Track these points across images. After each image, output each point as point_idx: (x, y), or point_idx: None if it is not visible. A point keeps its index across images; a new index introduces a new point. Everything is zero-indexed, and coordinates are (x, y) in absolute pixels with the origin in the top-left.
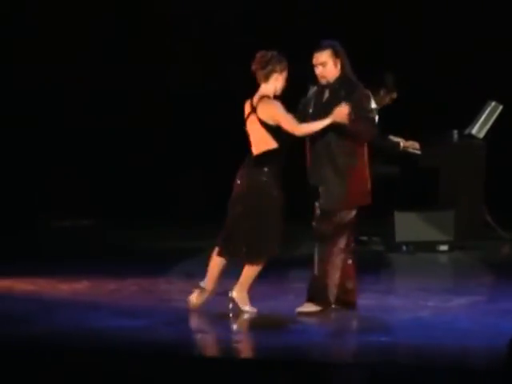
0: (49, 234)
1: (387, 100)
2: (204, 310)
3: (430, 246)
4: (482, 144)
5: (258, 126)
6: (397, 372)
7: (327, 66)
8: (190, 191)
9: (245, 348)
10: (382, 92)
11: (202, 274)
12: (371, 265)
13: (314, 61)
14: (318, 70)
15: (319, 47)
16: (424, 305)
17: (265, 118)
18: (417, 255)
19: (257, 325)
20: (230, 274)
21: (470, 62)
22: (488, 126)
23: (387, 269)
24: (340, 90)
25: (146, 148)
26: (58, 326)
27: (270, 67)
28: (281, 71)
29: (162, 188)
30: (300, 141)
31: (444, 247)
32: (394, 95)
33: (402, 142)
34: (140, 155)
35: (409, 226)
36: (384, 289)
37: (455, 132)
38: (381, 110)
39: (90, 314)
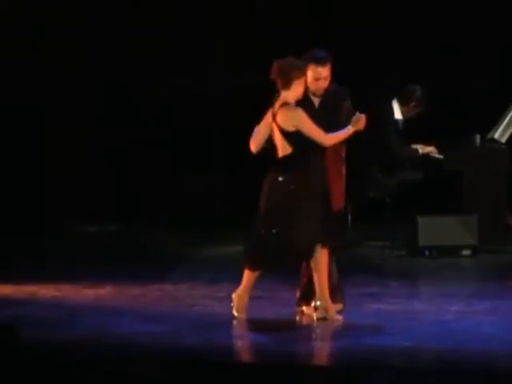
0: (73, 240)
1: (413, 113)
2: (228, 315)
3: (453, 251)
4: (504, 148)
5: (278, 132)
6: (420, 377)
7: (326, 79)
8: (215, 196)
9: (268, 353)
10: (412, 104)
11: (226, 279)
12: (394, 269)
13: (320, 75)
14: (321, 84)
15: (325, 61)
16: (447, 309)
17: (284, 124)
18: (440, 259)
19: (282, 330)
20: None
21: (492, 64)
22: (511, 131)
23: (410, 273)
24: (330, 99)
25: (171, 154)
26: (82, 331)
27: (290, 75)
28: (300, 77)
29: (186, 194)
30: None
31: (467, 251)
32: (421, 109)
33: (421, 149)
34: (163, 161)
35: (432, 230)
36: (407, 293)
37: (478, 136)
38: (405, 123)
39: (114, 320)
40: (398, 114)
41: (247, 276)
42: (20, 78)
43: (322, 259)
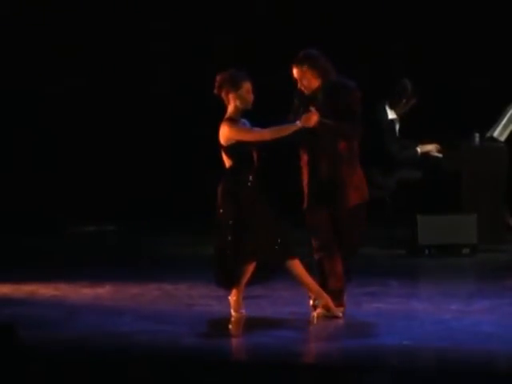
0: (72, 239)
1: (407, 108)
2: (227, 314)
3: (452, 250)
4: (503, 147)
5: None
6: (419, 376)
7: (306, 79)
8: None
9: (267, 353)
10: (403, 101)
11: None
12: (393, 268)
13: (294, 75)
14: (299, 84)
15: (295, 62)
16: (447, 308)
17: (220, 139)
18: (439, 258)
19: (279, 330)
20: None
21: (492, 63)
22: (510, 129)
23: (409, 272)
24: (322, 97)
25: (170, 153)
26: (81, 331)
27: (223, 90)
28: (236, 89)
29: (187, 193)
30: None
31: (466, 250)
32: (414, 101)
33: (420, 148)
34: (163, 161)
35: (431, 229)
36: (406, 292)
37: (477, 135)
38: (402, 119)
39: (113, 319)
40: (391, 114)
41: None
42: (18, 81)
43: (294, 270)
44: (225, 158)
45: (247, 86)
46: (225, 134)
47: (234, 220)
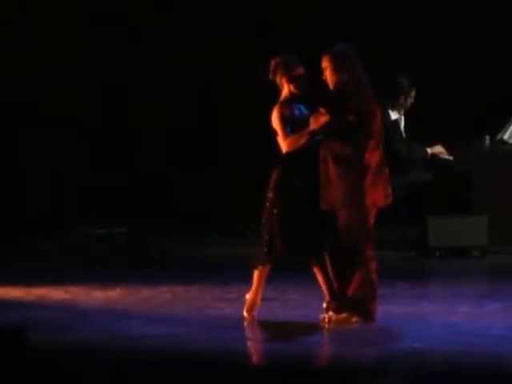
0: (82, 242)
1: (408, 104)
2: (239, 317)
3: (463, 252)
4: None
5: None
6: (430, 378)
7: (327, 71)
8: (225, 198)
9: (277, 355)
10: (401, 99)
11: (237, 281)
12: (404, 270)
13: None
14: (323, 76)
15: (323, 52)
16: (457, 310)
17: (272, 123)
18: (450, 260)
19: (291, 333)
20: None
21: (503, 64)
22: None
23: (420, 274)
24: (332, 96)
25: (181, 156)
26: (92, 334)
27: (277, 74)
28: (289, 73)
29: (198, 195)
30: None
31: (477, 252)
32: (413, 93)
33: (430, 150)
34: (174, 163)
35: (442, 231)
36: (417, 294)
37: (487, 137)
38: (406, 116)
39: (124, 322)
40: (394, 115)
41: (256, 277)
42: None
43: (319, 268)
44: (279, 142)
45: (300, 70)
46: (273, 118)
47: (278, 209)
